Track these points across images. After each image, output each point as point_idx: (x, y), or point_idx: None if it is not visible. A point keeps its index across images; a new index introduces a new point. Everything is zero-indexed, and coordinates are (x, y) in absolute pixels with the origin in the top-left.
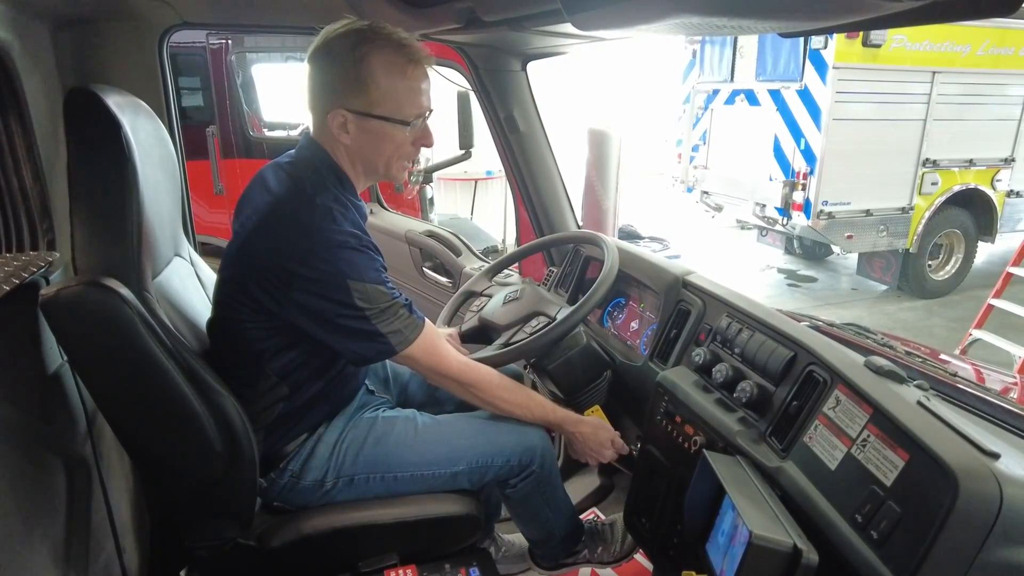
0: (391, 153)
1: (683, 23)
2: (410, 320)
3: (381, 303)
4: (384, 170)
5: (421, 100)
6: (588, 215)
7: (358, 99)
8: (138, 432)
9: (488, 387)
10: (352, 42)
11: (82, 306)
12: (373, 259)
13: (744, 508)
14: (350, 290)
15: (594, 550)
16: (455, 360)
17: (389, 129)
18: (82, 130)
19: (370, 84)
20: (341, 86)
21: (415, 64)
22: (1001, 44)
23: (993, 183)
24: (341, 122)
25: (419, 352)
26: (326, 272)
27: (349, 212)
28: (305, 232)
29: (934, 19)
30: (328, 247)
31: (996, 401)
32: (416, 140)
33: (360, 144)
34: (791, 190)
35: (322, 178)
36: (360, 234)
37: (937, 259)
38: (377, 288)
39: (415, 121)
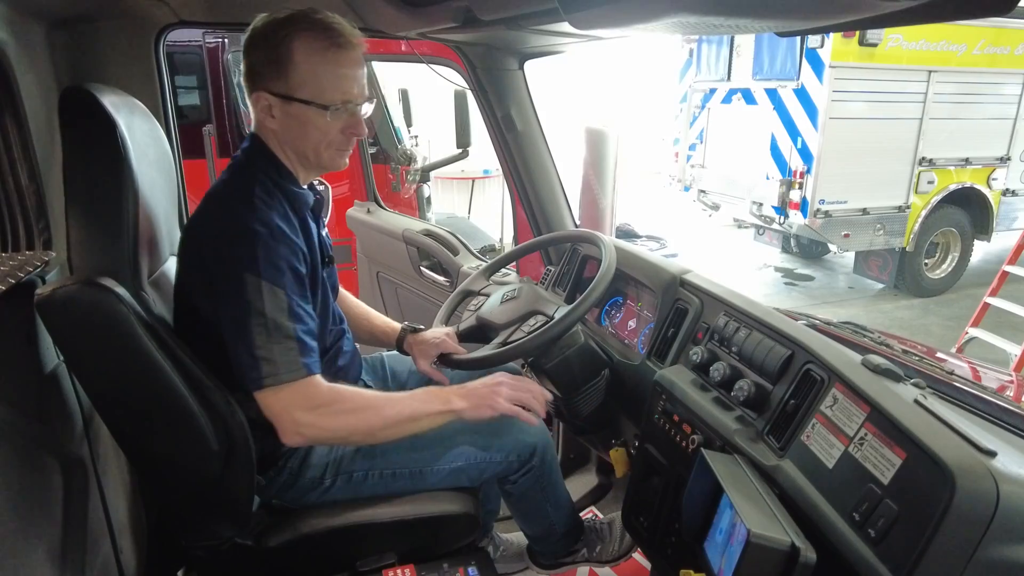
0: (317, 139)
1: (680, 22)
2: (292, 359)
3: (269, 309)
4: (315, 158)
5: (345, 86)
6: (585, 214)
7: (278, 82)
8: (135, 431)
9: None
10: (277, 24)
11: (78, 306)
12: (281, 257)
13: (742, 507)
14: (245, 283)
15: (592, 549)
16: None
17: (311, 114)
18: (77, 129)
19: (289, 66)
20: (263, 68)
21: (338, 48)
22: (997, 43)
23: (989, 182)
24: (265, 105)
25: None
26: (228, 258)
27: (274, 200)
28: (220, 218)
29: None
30: (234, 233)
31: (993, 399)
32: (345, 128)
33: (286, 129)
34: (788, 189)
35: (255, 166)
36: (275, 225)
37: (933, 258)
38: (273, 290)
39: (339, 107)
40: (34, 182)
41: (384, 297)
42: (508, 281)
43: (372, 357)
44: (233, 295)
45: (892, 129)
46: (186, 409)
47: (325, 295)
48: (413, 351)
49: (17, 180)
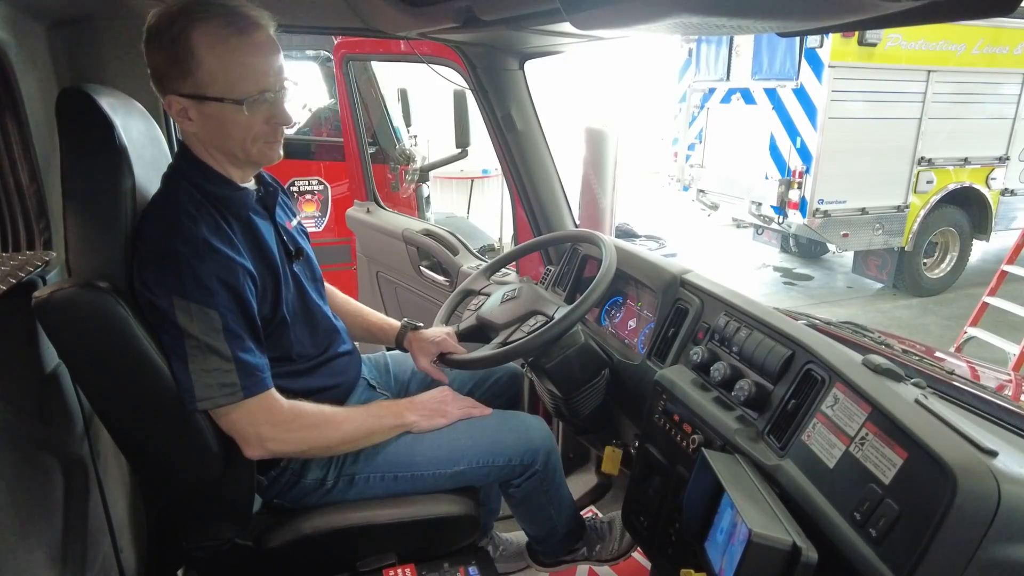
0: (241, 136)
1: (682, 23)
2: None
3: (199, 331)
4: (243, 154)
5: (257, 75)
6: (585, 214)
7: (185, 82)
8: (134, 433)
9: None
10: (171, 19)
11: (76, 308)
12: (208, 276)
13: (743, 506)
14: (174, 306)
15: (592, 548)
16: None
17: (227, 111)
18: (74, 130)
19: (192, 63)
20: (166, 69)
21: (241, 33)
22: (996, 43)
23: (988, 181)
24: (179, 109)
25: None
26: (155, 282)
27: (203, 214)
28: (145, 238)
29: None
30: (158, 255)
31: (993, 399)
32: (268, 119)
33: (206, 130)
34: (787, 188)
35: (182, 176)
36: (201, 242)
37: (932, 257)
38: (204, 312)
39: (256, 98)
40: (34, 182)
41: (384, 297)
42: (508, 281)
43: (375, 356)
44: (166, 318)
45: (891, 129)
46: (185, 410)
47: (301, 289)
48: (413, 349)
49: (18, 180)
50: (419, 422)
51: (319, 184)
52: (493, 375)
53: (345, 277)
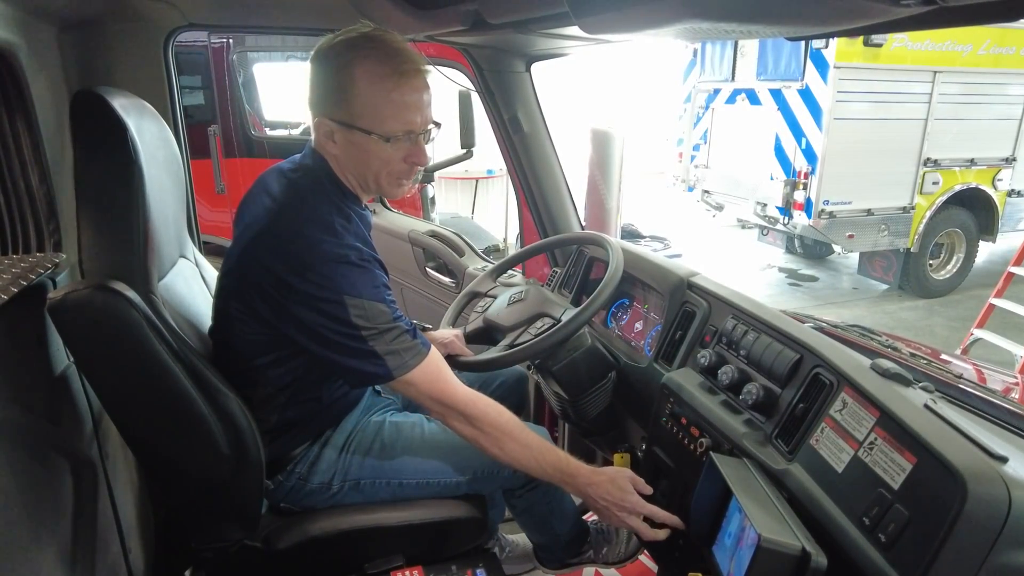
0: (378, 168)
1: (690, 28)
2: (412, 344)
3: (380, 323)
4: (375, 185)
5: (408, 116)
6: (591, 215)
7: (340, 109)
8: (145, 434)
9: (496, 423)
10: (340, 48)
11: (89, 310)
12: (374, 275)
13: (752, 510)
14: (347, 307)
15: (599, 550)
16: (461, 391)
17: (372, 144)
18: (88, 133)
19: (351, 93)
20: (325, 93)
21: (402, 75)
22: (1002, 43)
23: (994, 182)
24: (327, 131)
25: (420, 379)
26: (323, 287)
27: (352, 224)
28: (305, 244)
29: (940, 24)
30: (326, 261)
31: (1002, 403)
32: (407, 157)
33: (348, 156)
34: (792, 189)
35: (323, 188)
36: (361, 248)
37: (938, 258)
38: (376, 306)
39: (401, 137)
40: (45, 184)
41: None
42: (514, 283)
43: None
44: (338, 317)
45: (897, 130)
46: (196, 412)
47: None
48: None
49: (28, 182)
50: (592, 500)
51: None
52: (499, 377)
53: None
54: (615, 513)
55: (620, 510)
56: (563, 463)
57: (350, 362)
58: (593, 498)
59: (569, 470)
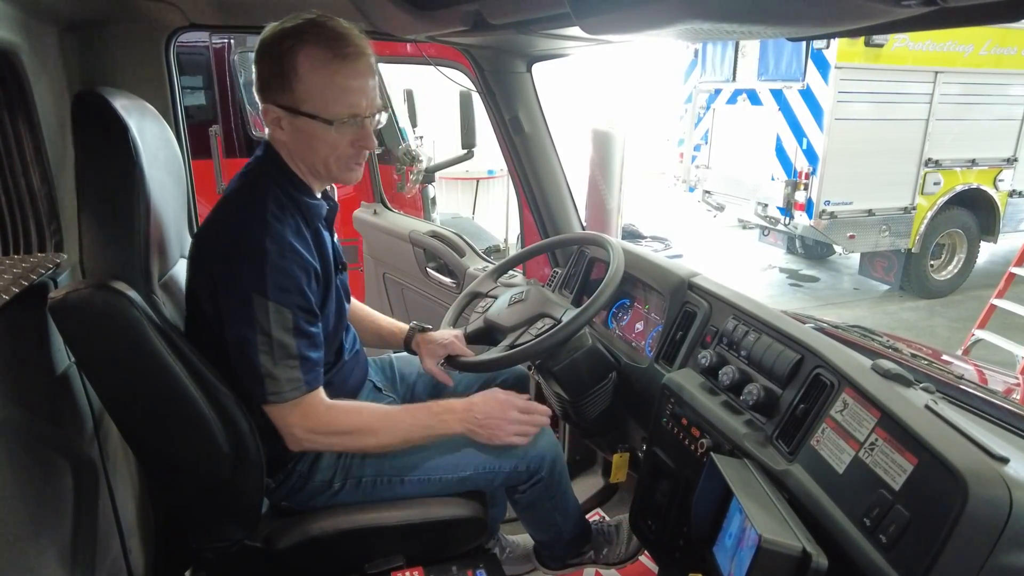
0: (326, 153)
1: (691, 29)
2: (294, 376)
3: (275, 330)
4: (324, 171)
5: (352, 99)
6: (592, 215)
7: (285, 94)
8: (145, 434)
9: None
10: (283, 35)
11: (90, 309)
12: (289, 277)
13: (752, 511)
14: (252, 303)
15: (599, 551)
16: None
17: (318, 128)
18: (89, 133)
19: (294, 79)
20: (270, 80)
21: (343, 59)
22: (1003, 44)
23: (995, 183)
24: (274, 118)
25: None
26: (237, 276)
27: (287, 217)
28: (230, 232)
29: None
30: (243, 250)
31: (1003, 404)
32: (355, 142)
33: (296, 142)
34: (793, 190)
35: (268, 178)
36: (286, 243)
37: (939, 259)
38: (280, 310)
39: (346, 120)
40: (46, 184)
41: (390, 298)
42: (515, 283)
43: (380, 359)
44: (240, 312)
45: (898, 130)
46: (197, 412)
47: (340, 301)
48: (421, 351)
49: (30, 183)
50: (476, 432)
51: None
52: (500, 378)
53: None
54: (504, 425)
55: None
56: (432, 408)
57: (239, 371)
58: (477, 420)
59: (440, 409)
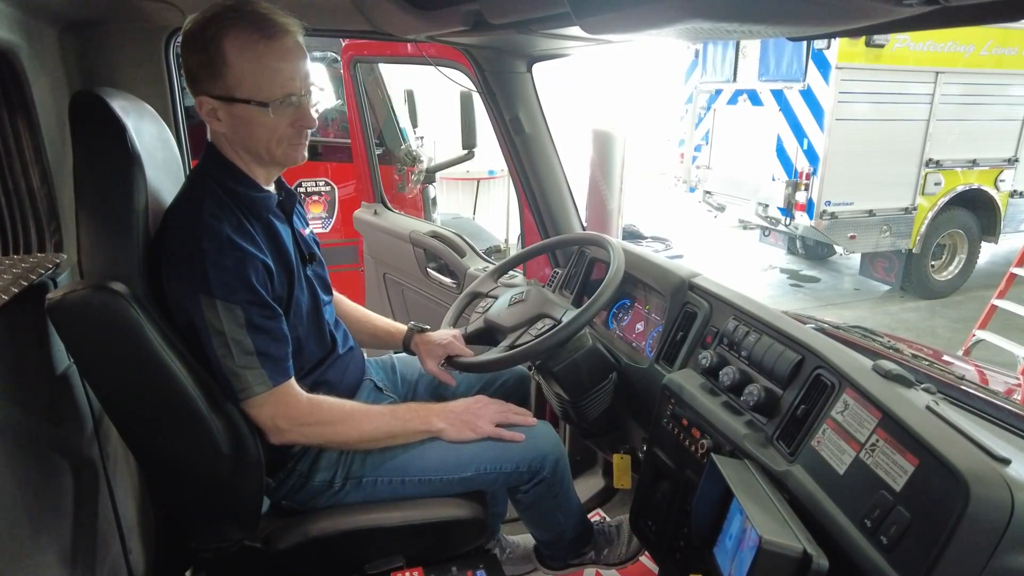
0: (266, 137)
1: (692, 28)
2: (257, 374)
3: (227, 327)
4: (268, 155)
5: (284, 79)
6: (592, 216)
7: (215, 84)
8: (145, 434)
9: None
10: (205, 23)
11: (89, 310)
12: (232, 272)
13: (753, 512)
14: (201, 305)
15: (600, 551)
16: (300, 409)
17: (254, 113)
18: (87, 134)
19: (223, 66)
20: (198, 71)
21: (269, 39)
22: (1005, 44)
23: (996, 183)
24: (209, 109)
25: (263, 412)
26: (181, 280)
27: (226, 213)
28: (172, 236)
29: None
30: (185, 253)
31: (1004, 405)
32: (293, 122)
33: (234, 131)
34: (794, 190)
35: (207, 175)
36: (225, 239)
37: (940, 259)
38: (228, 307)
39: (281, 100)
40: (46, 185)
41: (391, 298)
42: (515, 283)
43: (382, 359)
44: (193, 315)
45: (899, 130)
46: (196, 412)
47: (313, 293)
48: (420, 351)
49: (29, 183)
50: (447, 430)
51: (326, 185)
52: (500, 378)
53: (352, 278)
54: (476, 421)
55: (479, 416)
56: (412, 405)
57: (208, 363)
58: (450, 416)
59: (418, 406)
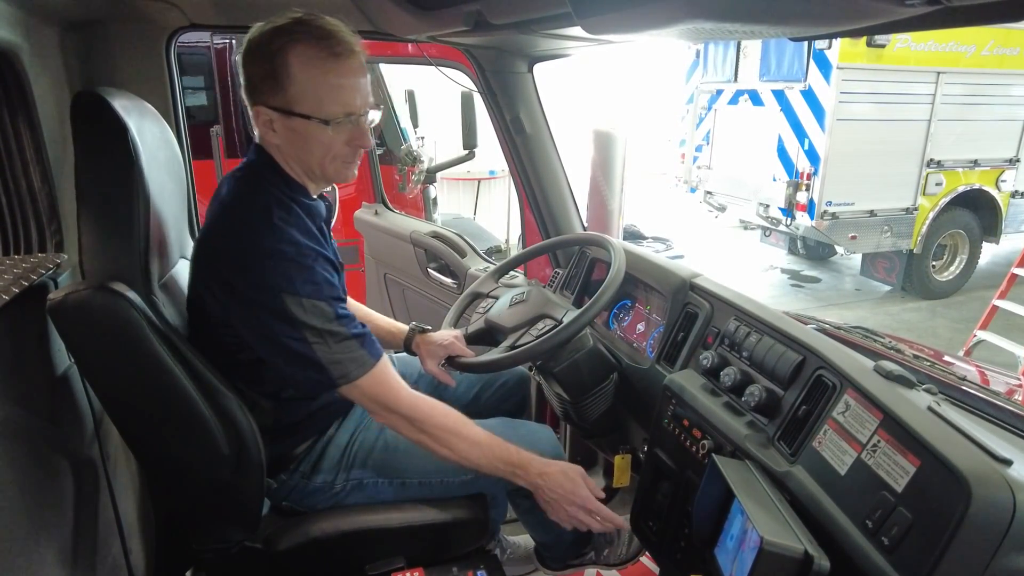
0: (321, 153)
1: (693, 29)
2: (357, 355)
3: (321, 324)
4: (320, 171)
5: (346, 97)
6: (593, 216)
7: (276, 96)
8: (145, 435)
9: (442, 424)
10: (271, 35)
11: (90, 310)
12: (314, 271)
13: (754, 513)
14: (286, 305)
15: (600, 551)
16: (405, 396)
17: (312, 128)
18: (89, 133)
19: (286, 79)
20: (260, 82)
21: (336, 57)
22: (1006, 44)
23: (998, 184)
24: (266, 120)
25: (364, 387)
26: (261, 285)
27: (293, 217)
28: (241, 241)
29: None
30: (263, 257)
31: (1005, 405)
32: (350, 140)
33: (290, 144)
34: (795, 190)
35: (265, 182)
36: (301, 242)
37: (941, 260)
38: (317, 305)
39: (341, 120)
40: (46, 185)
41: (391, 299)
42: (516, 284)
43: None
44: (276, 317)
45: (900, 131)
46: (196, 413)
47: None
48: (421, 352)
49: (30, 183)
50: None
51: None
52: (500, 378)
53: (353, 278)
54: (564, 507)
55: (570, 504)
56: (514, 456)
57: (293, 369)
58: (544, 489)
59: (520, 462)
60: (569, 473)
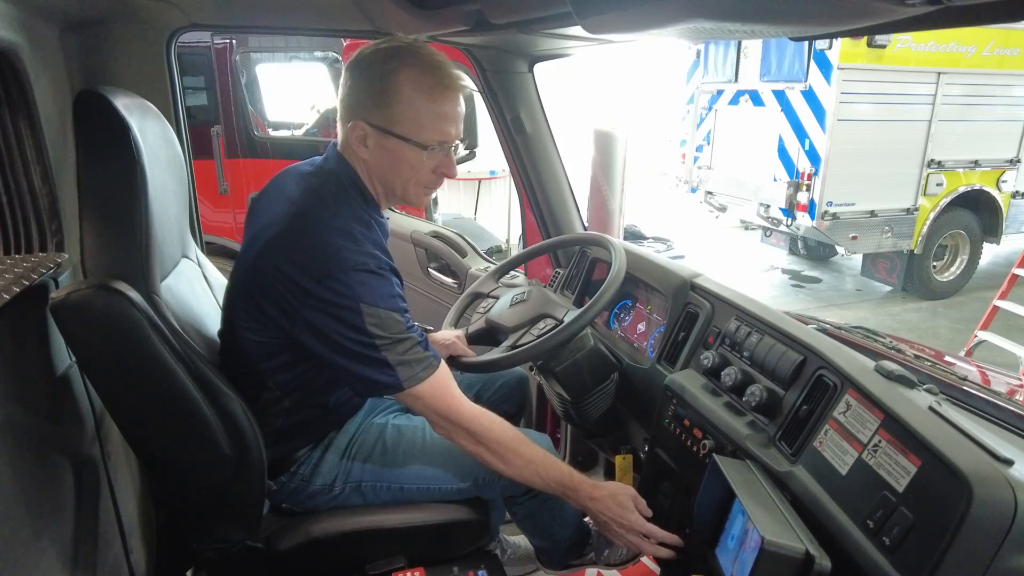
0: (408, 176)
1: (694, 28)
2: (423, 356)
3: (394, 333)
4: (401, 192)
5: (445, 127)
6: (594, 216)
7: (379, 113)
8: (146, 435)
9: (501, 439)
10: (385, 55)
11: (91, 309)
12: (390, 284)
13: (755, 513)
14: (363, 315)
15: (601, 551)
16: (467, 407)
17: (407, 150)
18: (91, 133)
19: (393, 99)
20: (365, 98)
21: (444, 88)
22: (1007, 45)
23: (999, 184)
24: (360, 135)
25: (428, 393)
26: (341, 293)
27: (372, 232)
28: (324, 250)
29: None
30: (346, 268)
31: (1006, 405)
32: (437, 168)
33: (378, 161)
34: (795, 191)
35: (345, 193)
36: (379, 256)
37: (942, 260)
38: (391, 316)
39: (436, 147)
40: (47, 184)
41: None
42: (517, 283)
43: None
44: (351, 326)
45: (901, 131)
46: (198, 413)
47: None
48: None
49: (31, 182)
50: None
51: None
52: (500, 378)
53: None
54: (614, 529)
55: (619, 527)
56: (566, 477)
57: (361, 370)
58: (594, 512)
59: (572, 484)
60: (619, 497)
